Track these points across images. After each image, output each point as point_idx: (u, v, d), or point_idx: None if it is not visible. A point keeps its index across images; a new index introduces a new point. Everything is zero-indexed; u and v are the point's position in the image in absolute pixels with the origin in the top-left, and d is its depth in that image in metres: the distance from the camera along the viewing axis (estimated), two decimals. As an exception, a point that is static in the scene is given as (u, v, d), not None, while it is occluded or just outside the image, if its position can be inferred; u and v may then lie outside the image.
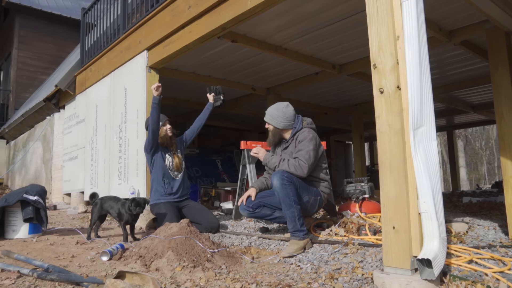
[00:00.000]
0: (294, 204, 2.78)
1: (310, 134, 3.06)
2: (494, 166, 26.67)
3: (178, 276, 2.16)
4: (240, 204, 3.21)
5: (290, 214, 2.77)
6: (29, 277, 2.17)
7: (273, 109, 3.21)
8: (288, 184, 2.80)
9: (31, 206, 3.39)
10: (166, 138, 3.73)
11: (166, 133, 3.73)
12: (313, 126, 3.22)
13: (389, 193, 1.93)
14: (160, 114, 3.73)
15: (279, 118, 3.15)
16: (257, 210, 3.15)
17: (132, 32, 4.81)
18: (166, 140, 3.74)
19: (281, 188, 2.80)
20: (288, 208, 2.77)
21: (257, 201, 3.16)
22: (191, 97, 7.00)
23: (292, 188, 2.81)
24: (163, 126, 3.72)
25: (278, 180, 2.81)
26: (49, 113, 7.13)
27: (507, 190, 3.03)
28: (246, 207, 3.16)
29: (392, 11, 2.02)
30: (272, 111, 3.20)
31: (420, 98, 1.91)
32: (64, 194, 6.42)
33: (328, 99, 7.34)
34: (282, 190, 2.79)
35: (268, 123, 3.23)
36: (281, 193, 2.80)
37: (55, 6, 11.33)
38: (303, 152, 2.98)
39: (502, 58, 3.16)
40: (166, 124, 3.75)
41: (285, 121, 3.15)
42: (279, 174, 2.84)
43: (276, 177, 2.84)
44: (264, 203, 3.17)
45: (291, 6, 3.51)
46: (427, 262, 1.74)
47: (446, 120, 10.12)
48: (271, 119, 3.19)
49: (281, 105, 3.20)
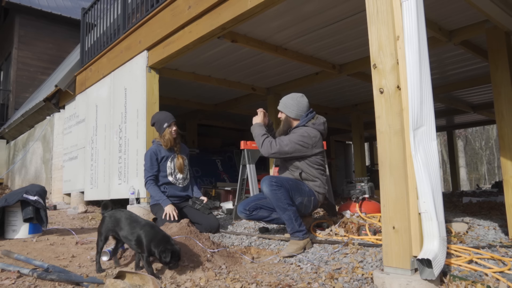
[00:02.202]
0: (288, 206, 2.77)
1: (306, 130, 3.02)
2: (494, 166, 26.66)
3: (178, 276, 2.16)
4: (238, 208, 3.20)
5: (287, 217, 2.77)
6: (29, 277, 2.17)
7: (287, 98, 3.18)
8: (278, 189, 2.79)
9: (31, 206, 3.38)
10: (169, 140, 3.63)
11: (171, 135, 3.63)
12: (320, 128, 3.11)
13: (389, 193, 1.93)
14: (167, 113, 3.69)
15: (293, 107, 3.12)
16: (253, 212, 3.14)
17: (132, 32, 4.81)
18: (170, 142, 3.64)
19: (271, 193, 2.79)
20: (283, 211, 2.78)
21: (254, 203, 3.15)
22: (191, 97, 7.00)
23: (282, 191, 2.80)
24: (169, 128, 3.63)
25: (267, 187, 2.81)
26: (49, 113, 7.13)
27: (507, 190, 3.03)
28: (243, 210, 3.16)
29: (392, 11, 2.02)
30: (286, 100, 3.17)
31: (420, 98, 1.91)
32: (64, 194, 6.42)
33: (328, 99, 7.34)
34: (273, 195, 2.79)
35: (281, 112, 3.19)
36: (272, 198, 2.80)
37: (55, 6, 11.33)
38: (285, 139, 2.97)
39: (502, 58, 3.16)
40: (172, 125, 3.66)
41: (298, 110, 3.12)
42: (267, 180, 2.83)
43: (264, 184, 2.83)
44: (260, 205, 3.15)
45: (291, 6, 3.51)
46: (427, 262, 1.74)
47: (446, 120, 10.12)
48: (284, 107, 3.16)
49: (296, 95, 3.18)
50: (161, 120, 3.66)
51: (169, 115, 3.68)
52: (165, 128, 3.63)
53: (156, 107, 4.48)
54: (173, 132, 3.65)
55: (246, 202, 3.20)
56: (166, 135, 3.62)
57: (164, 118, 3.67)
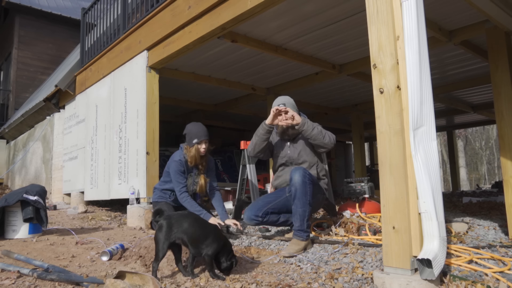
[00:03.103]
0: (308, 204, 2.75)
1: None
2: (494, 166, 26.67)
3: (178, 276, 2.16)
4: (246, 215, 3.07)
5: (302, 213, 2.73)
6: (29, 277, 2.17)
7: (286, 98, 3.16)
8: (309, 183, 2.77)
9: (31, 206, 3.38)
10: (195, 158, 3.26)
11: (197, 153, 3.26)
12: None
13: (389, 193, 1.93)
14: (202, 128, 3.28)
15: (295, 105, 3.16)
16: (265, 219, 3.04)
17: (132, 32, 4.81)
18: (195, 160, 3.27)
19: (301, 184, 2.74)
20: (301, 206, 2.73)
21: (264, 209, 3.03)
22: (191, 97, 7.00)
23: (311, 188, 2.78)
24: (198, 145, 3.25)
25: (300, 177, 2.75)
26: (49, 113, 7.13)
27: (507, 190, 3.03)
28: (254, 217, 3.01)
29: (392, 11, 2.02)
30: (288, 100, 3.14)
31: (420, 98, 1.91)
32: (64, 194, 6.42)
33: (328, 99, 7.34)
34: (302, 187, 2.74)
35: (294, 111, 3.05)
36: (300, 189, 2.73)
37: (55, 6, 11.33)
38: (329, 132, 3.01)
39: (502, 58, 3.16)
40: (203, 143, 3.26)
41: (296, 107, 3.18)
42: (301, 171, 2.78)
43: (298, 173, 2.76)
44: (270, 209, 3.06)
45: (291, 6, 3.51)
46: (427, 262, 1.74)
47: (446, 120, 10.12)
48: (293, 107, 3.13)
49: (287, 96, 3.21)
50: (192, 133, 3.28)
51: (203, 130, 3.28)
52: (194, 143, 3.25)
53: (156, 107, 4.48)
54: (202, 150, 3.27)
55: (256, 208, 3.05)
56: (192, 151, 3.25)
57: (196, 132, 3.27)
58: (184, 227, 2.12)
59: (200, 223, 2.19)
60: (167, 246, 2.09)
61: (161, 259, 2.11)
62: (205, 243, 2.09)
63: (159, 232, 2.10)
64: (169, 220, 2.13)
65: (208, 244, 2.09)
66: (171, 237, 2.09)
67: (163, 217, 2.15)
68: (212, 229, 2.19)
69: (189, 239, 2.10)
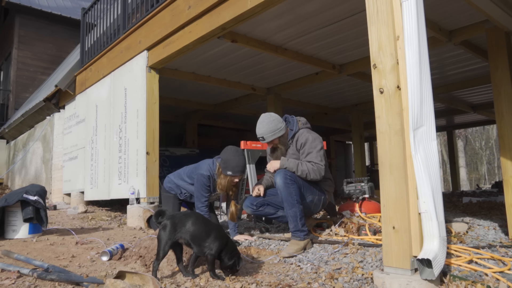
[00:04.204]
0: (297, 203, 2.77)
1: (310, 135, 3.03)
2: (494, 166, 26.66)
3: (178, 276, 2.16)
4: (245, 202, 3.22)
5: (292, 214, 2.76)
6: (29, 277, 2.17)
7: (264, 127, 3.01)
8: (291, 183, 2.80)
9: (31, 206, 3.38)
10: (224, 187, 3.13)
11: (229, 184, 3.12)
12: (308, 126, 3.19)
13: (389, 193, 1.93)
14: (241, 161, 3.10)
15: (276, 126, 3.00)
16: (260, 208, 3.17)
17: (132, 32, 4.81)
18: (223, 189, 3.15)
19: (284, 186, 2.79)
20: (290, 207, 2.77)
21: (261, 199, 3.17)
22: (191, 97, 7.00)
23: (295, 187, 2.80)
24: (231, 177, 3.09)
25: (281, 179, 2.80)
26: (49, 113, 7.13)
27: (507, 190, 3.03)
28: (250, 205, 3.18)
29: (392, 11, 2.02)
30: (266, 128, 3.00)
31: (420, 98, 1.91)
32: (64, 194, 6.42)
33: (328, 99, 7.34)
34: (285, 189, 2.78)
35: (275, 139, 3.04)
36: (284, 192, 2.79)
37: (55, 6, 11.33)
38: (313, 155, 2.91)
39: (502, 58, 3.16)
40: (236, 178, 3.11)
41: (279, 124, 3.02)
42: (282, 173, 2.83)
43: (279, 176, 2.83)
44: (268, 201, 3.18)
45: (291, 6, 3.51)
46: (427, 262, 1.74)
47: (446, 120, 10.13)
48: (273, 134, 3.00)
49: (266, 119, 3.05)
50: (229, 164, 3.08)
51: (241, 166, 3.11)
52: (227, 174, 3.08)
53: (156, 107, 4.48)
54: (233, 182, 3.14)
55: (254, 197, 3.20)
56: (223, 180, 3.10)
57: (233, 166, 3.07)
58: (187, 226, 2.13)
59: (203, 222, 2.19)
60: (169, 246, 2.09)
61: (162, 259, 2.11)
62: (208, 241, 2.10)
63: (163, 231, 2.11)
64: (172, 220, 2.14)
65: (211, 242, 2.09)
66: (175, 237, 2.10)
67: (166, 216, 2.16)
68: (215, 227, 2.19)
69: (191, 237, 2.11)
